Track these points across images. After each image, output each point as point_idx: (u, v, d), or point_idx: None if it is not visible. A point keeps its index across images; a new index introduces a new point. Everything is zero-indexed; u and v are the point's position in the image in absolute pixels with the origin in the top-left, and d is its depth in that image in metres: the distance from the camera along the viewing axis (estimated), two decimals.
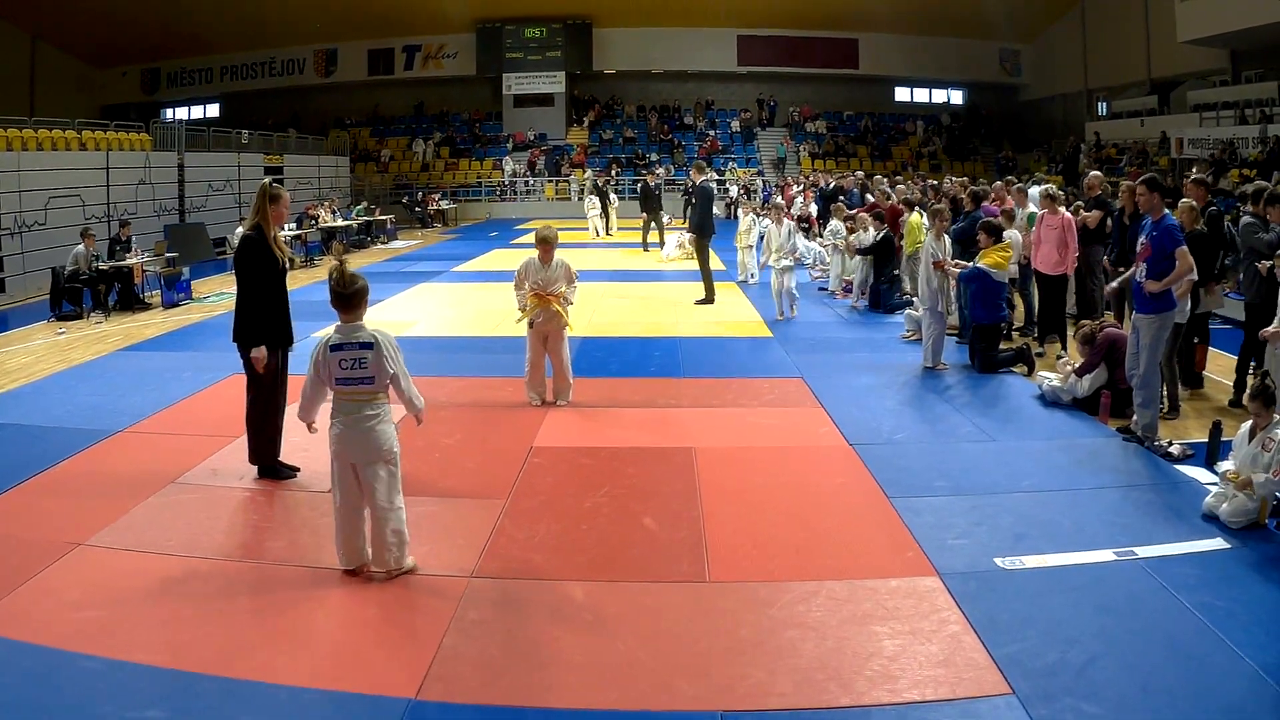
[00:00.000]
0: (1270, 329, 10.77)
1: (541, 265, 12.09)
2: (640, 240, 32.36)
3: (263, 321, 9.41)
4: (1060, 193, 16.01)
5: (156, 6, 48.53)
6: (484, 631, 6.48)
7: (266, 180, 9.67)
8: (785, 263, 18.19)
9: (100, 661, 6.05)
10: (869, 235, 19.79)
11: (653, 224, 32.02)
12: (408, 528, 7.36)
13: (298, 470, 9.75)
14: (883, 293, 19.17)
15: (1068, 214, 14.93)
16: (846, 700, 5.58)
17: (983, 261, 13.76)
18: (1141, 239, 10.57)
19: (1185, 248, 10.24)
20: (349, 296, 7.34)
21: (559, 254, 12.25)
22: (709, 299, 20.35)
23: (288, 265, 9.83)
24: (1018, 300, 17.07)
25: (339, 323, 7.36)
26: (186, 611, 6.79)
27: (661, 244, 30.82)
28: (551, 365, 12.40)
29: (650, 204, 32.10)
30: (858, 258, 20.37)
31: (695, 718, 5.40)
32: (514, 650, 6.20)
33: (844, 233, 21.98)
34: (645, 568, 7.42)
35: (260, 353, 9.32)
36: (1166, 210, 10.63)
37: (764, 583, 7.14)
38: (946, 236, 14.34)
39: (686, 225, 26.52)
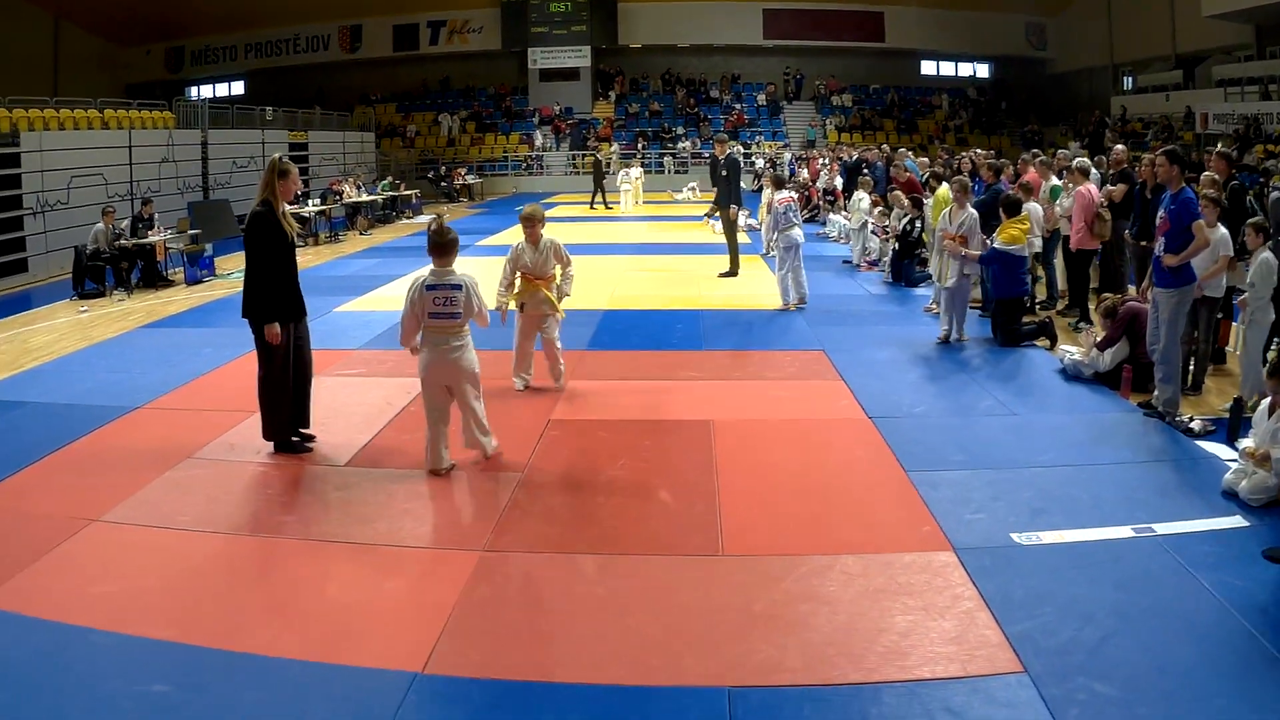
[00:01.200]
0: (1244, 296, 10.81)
1: (530, 247, 11.62)
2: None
3: (273, 296, 9.38)
4: (1087, 164, 15.86)
5: None
6: (493, 605, 6.47)
7: (276, 156, 9.61)
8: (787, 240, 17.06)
9: (110, 636, 6.06)
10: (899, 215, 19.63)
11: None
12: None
13: (314, 440, 9.83)
14: (905, 266, 19.01)
15: (1083, 188, 14.83)
16: (857, 676, 5.53)
17: (1000, 238, 13.68)
18: (1161, 213, 10.46)
19: (1202, 220, 10.13)
20: (444, 245, 8.81)
21: (548, 233, 11.78)
22: (733, 271, 20.30)
23: (296, 240, 9.77)
24: (1040, 273, 16.93)
25: (432, 266, 8.79)
26: (196, 586, 6.82)
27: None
28: (544, 349, 11.90)
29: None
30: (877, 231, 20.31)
31: (703, 693, 5.35)
32: (522, 624, 6.18)
33: (868, 204, 21.84)
34: (658, 541, 7.38)
35: (274, 328, 9.29)
36: (1186, 184, 10.52)
37: (778, 557, 7.09)
38: (971, 208, 14.14)
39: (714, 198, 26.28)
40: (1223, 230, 11.05)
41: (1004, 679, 5.47)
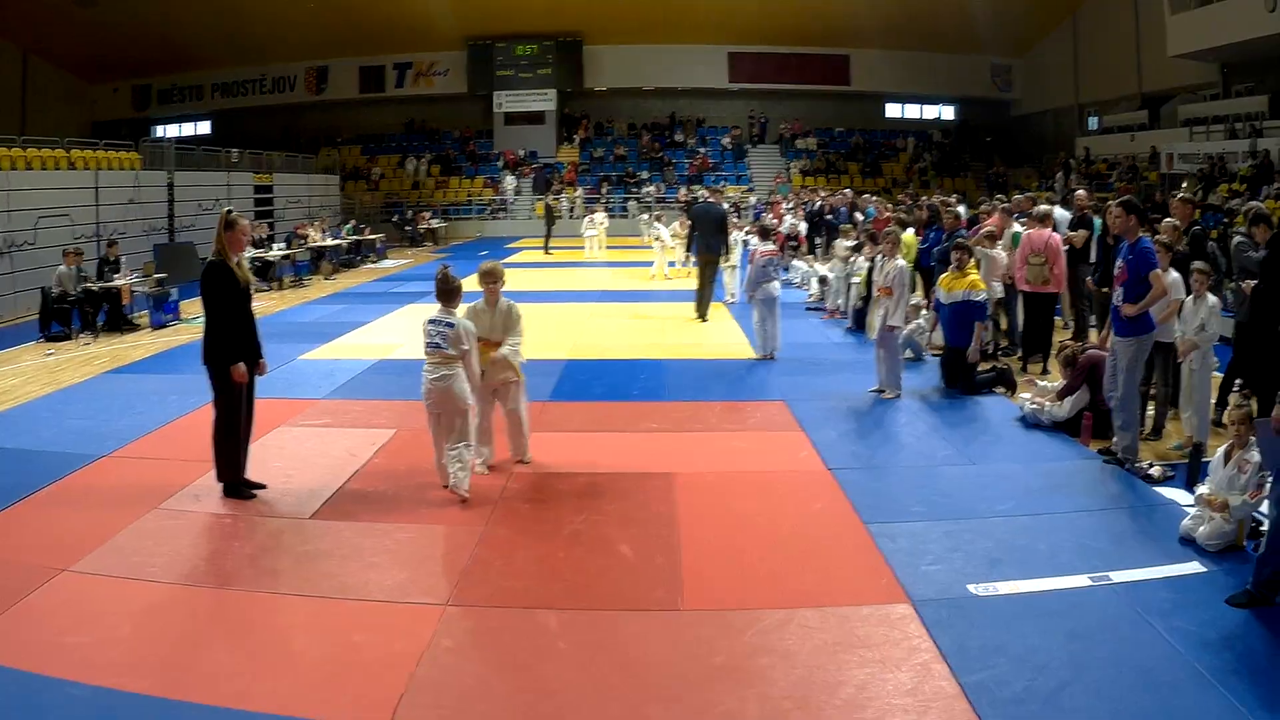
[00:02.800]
0: (1186, 341, 11.06)
1: (487, 309, 10.63)
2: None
3: (231, 342, 9.68)
4: (1047, 210, 16.02)
5: (147, 21, 48.43)
6: (457, 659, 6.54)
7: (225, 210, 9.88)
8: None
9: (84, 688, 6.13)
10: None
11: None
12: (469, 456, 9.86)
13: (262, 488, 9.97)
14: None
15: (1031, 232, 15.06)
16: None
17: (957, 286, 13.86)
18: (1119, 262, 10.60)
19: (1159, 270, 10.29)
20: (449, 292, 9.92)
21: (505, 300, 10.81)
22: (702, 317, 20.52)
23: (251, 288, 10.05)
24: (1003, 320, 17.06)
25: (440, 306, 9.90)
26: (167, 638, 6.88)
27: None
28: (507, 421, 10.94)
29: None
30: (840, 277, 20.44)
31: None
32: (486, 678, 6.25)
33: (846, 251, 21.73)
34: (620, 596, 7.45)
35: (240, 368, 9.61)
36: (1143, 233, 10.67)
37: (737, 610, 7.16)
38: (900, 259, 14.15)
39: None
40: (1174, 275, 11.19)
41: None
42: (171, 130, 56.11)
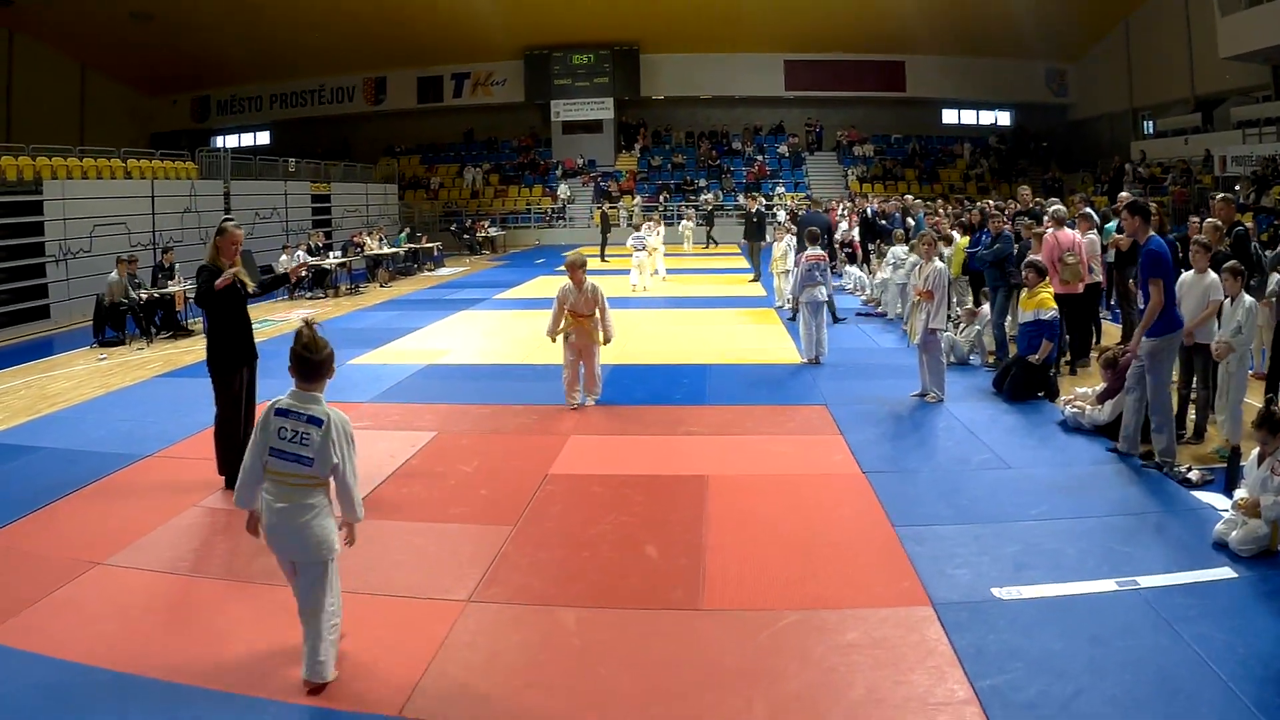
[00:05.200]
0: (1220, 344, 10.85)
1: (574, 289, 13.45)
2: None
3: (228, 343, 10.25)
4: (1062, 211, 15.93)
5: (205, 35, 49.17)
6: (473, 654, 6.62)
7: (222, 220, 10.44)
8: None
9: (107, 674, 6.31)
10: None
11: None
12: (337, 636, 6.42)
13: None
14: None
15: (1050, 234, 15.04)
16: None
17: (1028, 306, 13.83)
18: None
19: (1159, 279, 10.18)
20: (316, 364, 6.29)
21: (591, 279, 13.52)
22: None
23: (245, 289, 10.43)
24: None
25: (298, 390, 6.31)
26: (193, 628, 7.07)
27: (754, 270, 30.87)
28: (586, 373, 13.82)
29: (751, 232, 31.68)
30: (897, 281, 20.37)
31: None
32: (499, 674, 6.31)
33: (905, 257, 21.66)
34: (640, 595, 7.47)
35: (222, 281, 10.01)
36: (1152, 233, 10.63)
37: (756, 611, 7.17)
38: (939, 262, 14.06)
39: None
40: (1213, 276, 11.07)
41: None
42: (231, 141, 56.84)
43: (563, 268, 14.07)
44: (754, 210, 31.21)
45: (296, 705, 5.92)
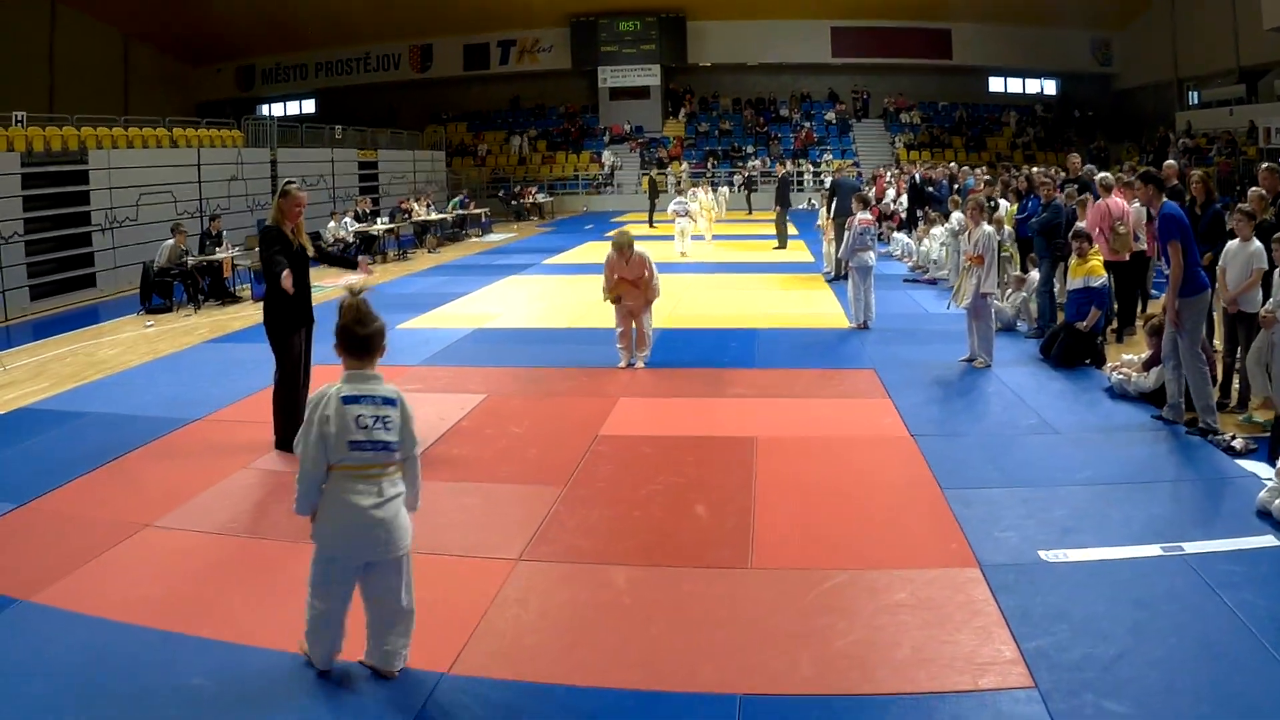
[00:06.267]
0: (1266, 311, 10.71)
1: (621, 260, 13.72)
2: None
3: (287, 302, 10.14)
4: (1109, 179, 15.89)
5: (249, 4, 49.37)
6: (523, 612, 6.69)
7: (285, 183, 10.55)
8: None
9: (153, 633, 6.35)
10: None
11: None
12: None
13: None
14: None
15: (1100, 202, 15.11)
16: (868, 688, 5.65)
17: (1077, 275, 13.80)
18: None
19: (1176, 240, 10.29)
20: (366, 338, 5.68)
21: (638, 251, 13.74)
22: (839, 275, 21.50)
23: (305, 253, 10.49)
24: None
25: (354, 371, 5.71)
26: (240, 589, 7.12)
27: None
28: (637, 334, 14.10)
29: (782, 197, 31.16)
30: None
31: (714, 699, 5.50)
32: (548, 631, 6.38)
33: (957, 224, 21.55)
34: (689, 554, 7.54)
35: (286, 277, 9.87)
36: (1166, 200, 10.80)
37: (804, 570, 7.22)
38: (986, 225, 14.01)
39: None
40: (1257, 244, 11.01)
41: (1013, 694, 5.55)
42: (276, 109, 57.15)
43: (611, 233, 14.22)
44: (780, 176, 31.13)
45: (345, 662, 5.92)
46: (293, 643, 6.01)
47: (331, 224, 29.16)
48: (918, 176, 29.47)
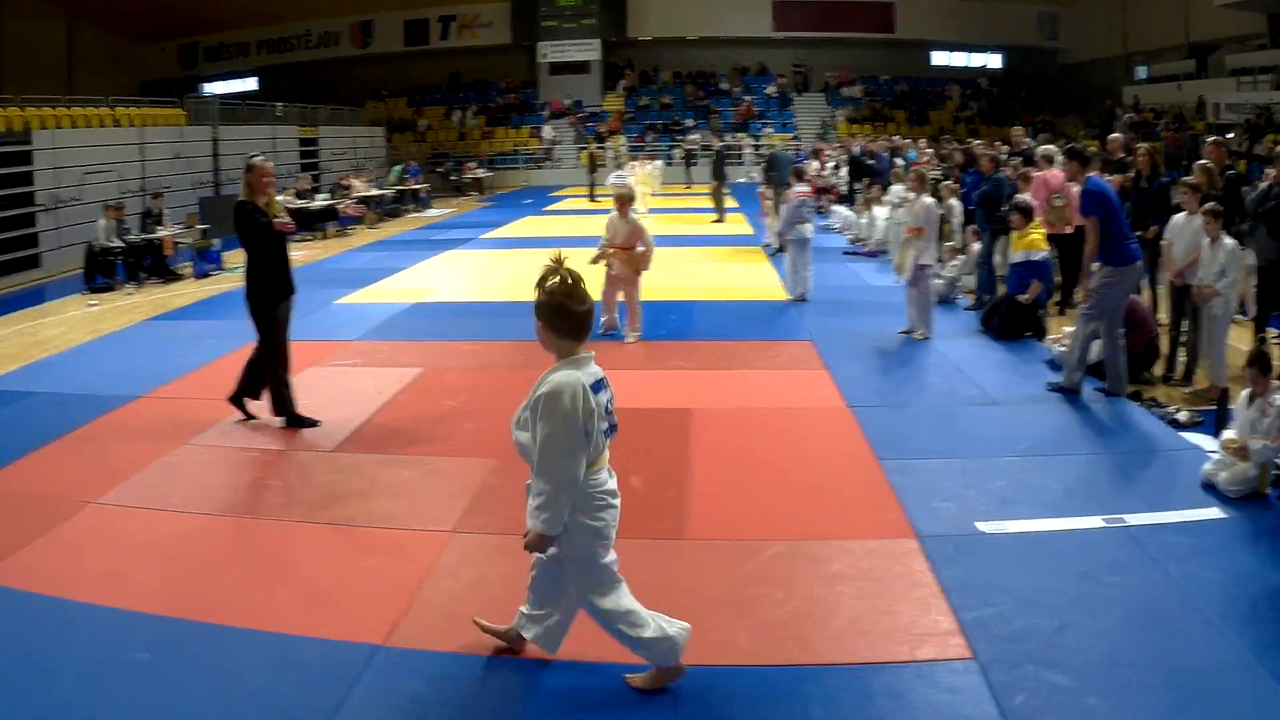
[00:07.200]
0: (1204, 288, 10.81)
1: (620, 219, 13.94)
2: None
3: (270, 274, 10.09)
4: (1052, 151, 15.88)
5: None
6: (458, 584, 6.68)
7: (250, 157, 10.40)
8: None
9: (99, 610, 6.34)
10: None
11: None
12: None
13: (316, 424, 10.25)
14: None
15: (1039, 175, 15.18)
16: (805, 658, 5.61)
17: (1018, 246, 13.83)
18: None
19: (1094, 217, 10.42)
20: (583, 315, 5.28)
21: (633, 216, 14.06)
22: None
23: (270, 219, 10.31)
24: None
25: (575, 355, 5.36)
26: (183, 563, 7.11)
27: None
28: (626, 309, 14.04)
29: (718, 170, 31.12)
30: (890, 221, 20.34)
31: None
32: (483, 602, 6.29)
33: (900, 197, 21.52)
34: (624, 525, 7.24)
35: (281, 224, 10.13)
36: (1090, 175, 10.89)
37: (740, 541, 7.18)
38: (927, 198, 13.89)
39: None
40: (1199, 220, 11.06)
41: (951, 665, 5.52)
42: (219, 88, 56.14)
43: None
44: (716, 149, 31.71)
45: (285, 635, 5.95)
46: (232, 616, 6.16)
47: (279, 197, 28.72)
48: (857, 149, 29.44)
